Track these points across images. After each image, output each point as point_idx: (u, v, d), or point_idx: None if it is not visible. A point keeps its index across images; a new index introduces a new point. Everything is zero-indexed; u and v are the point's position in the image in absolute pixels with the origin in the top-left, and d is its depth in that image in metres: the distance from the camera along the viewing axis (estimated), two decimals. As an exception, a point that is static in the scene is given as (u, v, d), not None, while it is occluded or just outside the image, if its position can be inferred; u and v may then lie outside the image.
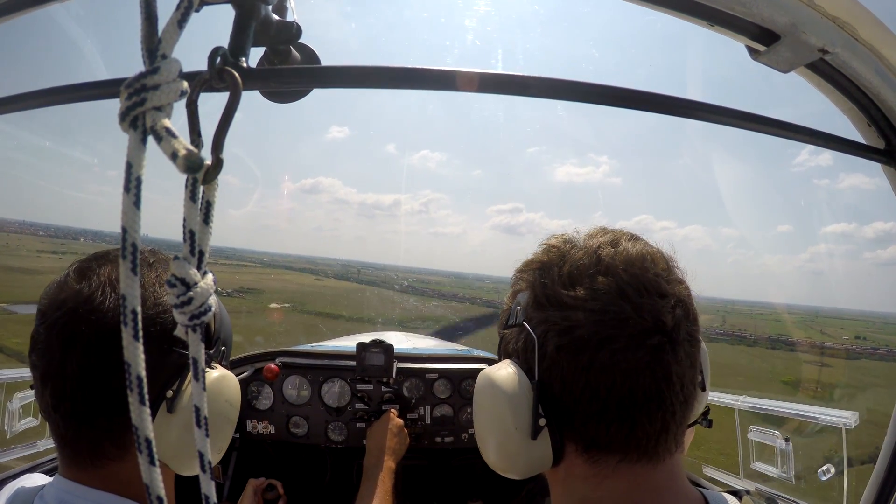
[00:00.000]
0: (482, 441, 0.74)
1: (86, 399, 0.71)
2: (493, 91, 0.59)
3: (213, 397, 0.81)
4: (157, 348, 0.75)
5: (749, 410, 2.27)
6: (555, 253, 0.70)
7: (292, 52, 0.65)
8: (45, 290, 0.76)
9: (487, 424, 0.72)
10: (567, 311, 0.63)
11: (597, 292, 0.62)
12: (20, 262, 68.93)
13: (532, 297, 0.69)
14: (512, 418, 0.66)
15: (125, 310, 0.32)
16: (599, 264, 0.65)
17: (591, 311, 0.62)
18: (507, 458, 0.69)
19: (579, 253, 0.67)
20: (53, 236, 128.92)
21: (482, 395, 0.73)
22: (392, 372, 1.89)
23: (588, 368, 0.61)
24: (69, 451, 0.74)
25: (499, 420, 0.68)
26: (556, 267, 0.68)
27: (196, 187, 0.37)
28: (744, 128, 0.70)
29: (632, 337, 0.60)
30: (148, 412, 0.33)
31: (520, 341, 0.69)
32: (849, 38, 0.66)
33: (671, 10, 0.67)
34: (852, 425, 1.95)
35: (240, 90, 0.42)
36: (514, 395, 0.67)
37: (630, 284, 0.62)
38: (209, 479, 0.39)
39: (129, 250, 0.32)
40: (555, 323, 0.64)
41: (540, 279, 0.69)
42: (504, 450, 0.69)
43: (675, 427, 0.64)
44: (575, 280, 0.65)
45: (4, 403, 2.03)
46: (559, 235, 0.74)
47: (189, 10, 0.35)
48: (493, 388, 0.69)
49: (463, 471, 2.13)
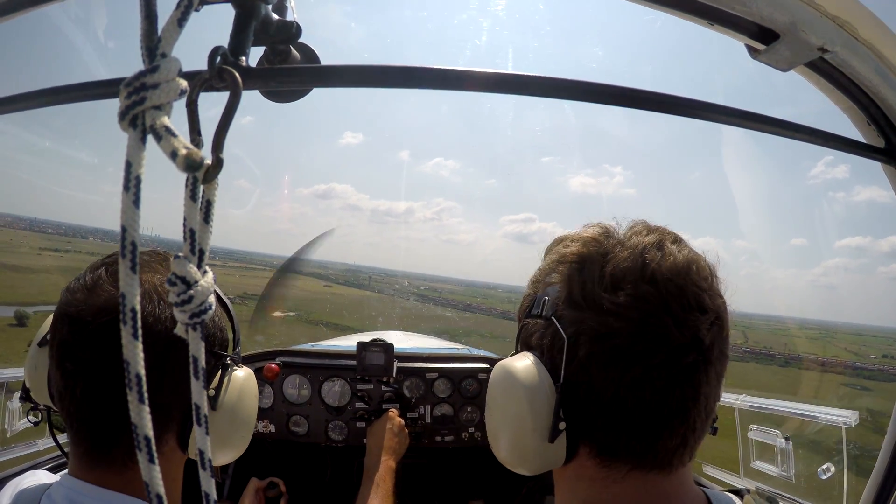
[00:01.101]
0: (494, 436, 0.71)
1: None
2: (492, 90, 0.59)
3: (245, 395, 0.86)
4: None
5: (749, 409, 2.28)
6: (595, 248, 0.66)
7: (292, 51, 0.65)
8: (69, 295, 0.75)
9: (503, 421, 0.69)
10: (605, 316, 0.60)
11: (639, 301, 0.59)
12: (17, 259, 67.91)
13: (566, 294, 0.65)
14: (531, 418, 0.64)
15: (124, 308, 0.32)
16: (644, 270, 0.60)
17: (631, 320, 0.59)
18: (520, 456, 0.68)
19: (623, 253, 0.63)
20: (63, 234, 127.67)
21: (501, 388, 0.69)
22: (392, 371, 1.89)
23: (619, 380, 0.59)
24: (97, 454, 0.74)
25: (517, 418, 0.66)
26: (598, 266, 0.63)
27: (196, 186, 0.37)
28: (744, 126, 0.70)
29: (669, 353, 0.58)
30: (147, 410, 0.33)
31: (546, 337, 0.66)
32: (848, 36, 0.66)
33: (671, 10, 0.67)
34: (852, 424, 1.95)
35: (240, 89, 0.42)
36: (536, 394, 0.64)
37: (675, 297, 0.59)
38: (209, 478, 0.39)
39: (129, 249, 0.32)
40: (591, 327, 0.61)
41: (578, 276, 0.64)
42: (518, 448, 0.67)
43: (694, 441, 0.63)
44: (617, 284, 0.61)
45: (4, 403, 2.03)
46: (597, 225, 0.70)
47: (189, 8, 0.35)
48: (513, 384, 0.66)
49: (463, 470, 2.13)
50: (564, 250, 0.69)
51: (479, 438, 1.98)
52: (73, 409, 0.73)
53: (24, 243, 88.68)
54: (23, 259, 66.65)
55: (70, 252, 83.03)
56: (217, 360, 0.84)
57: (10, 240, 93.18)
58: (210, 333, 0.84)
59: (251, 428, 0.89)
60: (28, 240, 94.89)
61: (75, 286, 0.76)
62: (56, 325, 0.75)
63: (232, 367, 0.85)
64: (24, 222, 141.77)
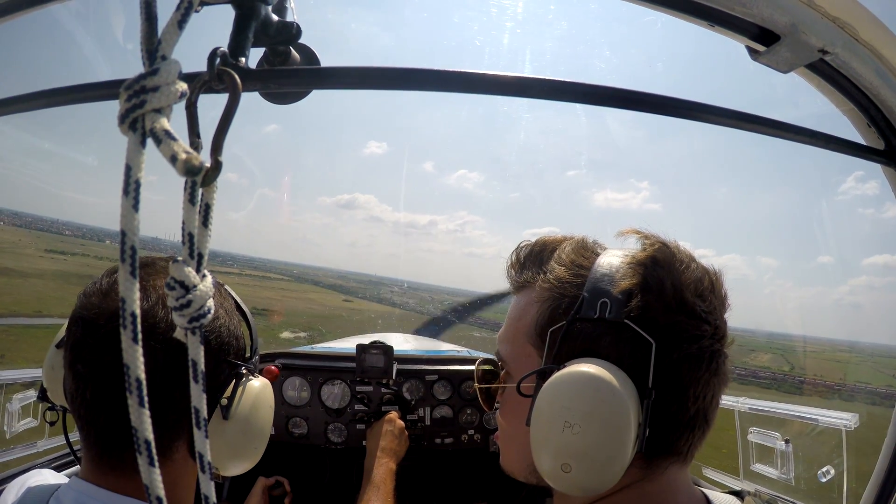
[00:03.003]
0: (574, 456, 0.58)
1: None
2: (492, 92, 0.59)
3: (260, 405, 0.85)
4: (213, 357, 0.80)
5: (749, 412, 2.28)
6: (667, 253, 0.67)
7: (292, 52, 0.65)
8: (85, 298, 0.75)
9: (598, 438, 0.58)
10: (697, 320, 0.64)
11: (713, 307, 0.66)
12: (12, 260, 64.32)
13: (656, 297, 0.63)
14: (634, 430, 0.58)
15: (124, 312, 0.32)
16: (710, 280, 0.68)
17: (711, 324, 0.65)
18: (611, 474, 0.59)
19: (693, 264, 0.68)
20: (81, 237, 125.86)
21: (589, 401, 0.58)
22: (392, 373, 1.89)
23: (699, 379, 0.63)
24: (108, 459, 0.74)
25: (616, 433, 0.58)
26: (679, 272, 0.66)
27: (195, 190, 0.37)
28: (744, 129, 0.70)
29: (724, 356, 0.67)
30: (147, 414, 0.33)
31: (621, 341, 0.62)
32: (849, 38, 0.66)
33: (671, 11, 0.67)
34: (852, 427, 1.94)
35: (239, 91, 0.42)
36: (630, 404, 0.58)
37: (724, 306, 0.69)
38: (209, 480, 0.39)
39: (129, 253, 0.32)
40: (685, 330, 0.63)
41: (669, 279, 0.64)
42: (609, 466, 0.58)
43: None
44: (699, 291, 0.66)
45: (4, 404, 2.03)
46: (647, 232, 0.71)
47: (189, 10, 0.35)
48: (608, 395, 0.58)
49: (463, 472, 2.13)
50: (625, 256, 0.68)
51: (478, 441, 1.97)
52: (84, 411, 0.73)
53: (32, 244, 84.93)
54: (19, 261, 63.38)
55: (77, 255, 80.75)
56: (231, 369, 0.83)
57: (19, 240, 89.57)
58: (224, 342, 0.82)
59: (265, 439, 0.88)
60: (39, 241, 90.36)
61: (91, 290, 0.76)
62: (71, 327, 0.75)
63: (247, 377, 0.84)
64: (45, 223, 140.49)
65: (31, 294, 41.40)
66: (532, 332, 0.71)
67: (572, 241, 0.75)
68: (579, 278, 0.68)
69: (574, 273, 0.69)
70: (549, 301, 0.70)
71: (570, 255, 0.72)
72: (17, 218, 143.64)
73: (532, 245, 0.79)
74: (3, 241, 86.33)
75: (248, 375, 0.84)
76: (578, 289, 0.67)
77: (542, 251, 0.76)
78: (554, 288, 0.70)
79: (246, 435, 0.83)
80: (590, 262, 0.69)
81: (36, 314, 33.57)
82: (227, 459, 0.82)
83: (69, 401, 0.76)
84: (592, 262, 0.69)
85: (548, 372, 0.64)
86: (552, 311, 0.69)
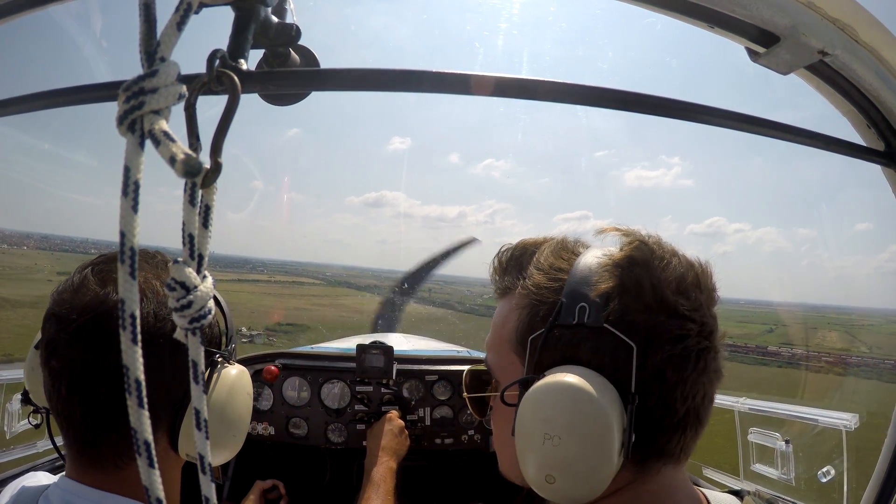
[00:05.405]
0: (561, 467, 0.59)
1: (119, 402, 0.71)
2: (492, 94, 0.59)
3: (238, 392, 0.84)
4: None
5: (749, 412, 2.27)
6: (646, 251, 0.65)
7: (291, 54, 0.65)
8: (58, 295, 0.76)
9: (579, 449, 0.58)
10: (680, 319, 0.61)
11: (698, 303, 0.64)
12: (15, 289, 58.07)
13: (633, 298, 0.61)
14: (618, 437, 0.58)
15: (124, 314, 0.32)
16: (694, 275, 0.65)
17: (696, 322, 0.62)
18: (599, 481, 0.59)
19: (675, 260, 0.65)
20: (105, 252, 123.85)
21: (568, 411, 0.58)
22: (392, 373, 1.89)
23: (686, 379, 0.61)
24: (88, 455, 0.74)
25: (600, 441, 0.58)
26: (659, 270, 0.63)
27: (195, 191, 0.37)
28: (744, 130, 0.70)
29: (716, 353, 0.64)
30: (147, 415, 0.33)
31: (602, 346, 0.61)
32: (849, 39, 0.66)
33: (671, 12, 0.67)
34: (852, 427, 1.94)
35: (238, 93, 0.42)
36: (613, 410, 0.58)
37: (712, 300, 0.66)
38: (209, 481, 0.39)
39: (128, 255, 0.32)
40: (667, 331, 0.60)
41: (648, 278, 0.62)
42: (596, 473, 0.58)
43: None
44: (681, 288, 0.63)
45: (4, 404, 2.03)
46: (626, 229, 0.69)
47: (188, 11, 0.35)
48: (586, 405, 0.57)
49: (463, 472, 2.13)
50: (603, 258, 0.66)
51: (478, 441, 1.97)
52: (60, 407, 0.73)
53: (48, 267, 77.62)
54: (25, 288, 56.36)
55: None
56: (207, 356, 0.82)
57: (35, 264, 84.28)
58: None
59: (244, 427, 0.87)
60: (58, 263, 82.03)
61: (63, 287, 0.76)
62: (45, 325, 0.75)
63: (222, 365, 0.84)
64: (73, 243, 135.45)
65: (14, 329, 30.13)
66: (514, 340, 0.70)
67: (552, 244, 0.73)
68: (557, 283, 0.67)
69: (552, 277, 0.68)
70: (527, 308, 0.68)
71: (548, 259, 0.70)
72: (45, 241, 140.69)
73: (513, 249, 0.77)
74: (17, 266, 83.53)
75: (223, 363, 0.84)
76: (557, 294, 0.65)
77: (523, 255, 0.75)
78: (532, 294, 0.68)
79: (223, 423, 0.82)
80: (569, 264, 0.68)
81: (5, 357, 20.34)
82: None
83: (46, 399, 0.76)
84: (571, 264, 0.67)
85: (529, 381, 0.63)
86: (531, 318, 0.67)
